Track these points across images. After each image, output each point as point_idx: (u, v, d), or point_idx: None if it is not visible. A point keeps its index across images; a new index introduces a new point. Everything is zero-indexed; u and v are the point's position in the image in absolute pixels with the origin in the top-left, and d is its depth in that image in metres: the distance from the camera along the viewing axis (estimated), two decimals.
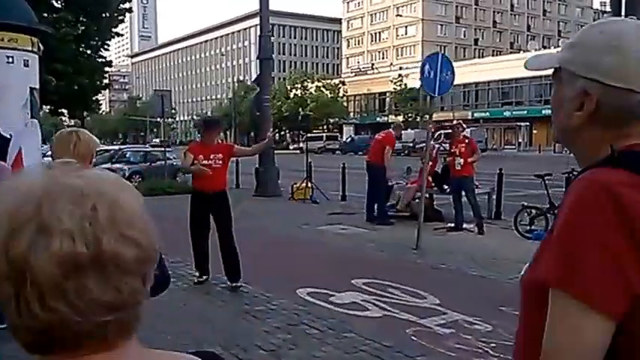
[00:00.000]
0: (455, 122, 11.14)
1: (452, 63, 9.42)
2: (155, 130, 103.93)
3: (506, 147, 53.06)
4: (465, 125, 11.76)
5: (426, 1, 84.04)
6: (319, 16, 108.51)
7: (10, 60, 7.71)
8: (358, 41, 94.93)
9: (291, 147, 72.56)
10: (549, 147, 45.20)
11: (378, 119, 69.75)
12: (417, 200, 12.49)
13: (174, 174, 21.77)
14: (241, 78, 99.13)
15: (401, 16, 77.62)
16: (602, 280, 1.03)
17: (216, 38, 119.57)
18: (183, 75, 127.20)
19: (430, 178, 12.62)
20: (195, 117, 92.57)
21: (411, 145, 49.74)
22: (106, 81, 23.07)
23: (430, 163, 12.75)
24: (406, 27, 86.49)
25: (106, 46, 20.44)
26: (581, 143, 1.24)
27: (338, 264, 8.16)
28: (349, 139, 60.55)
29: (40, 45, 8.33)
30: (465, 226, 10.72)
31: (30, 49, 8.07)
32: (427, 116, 58.84)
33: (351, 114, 75.30)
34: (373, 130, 66.81)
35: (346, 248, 9.37)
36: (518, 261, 7.98)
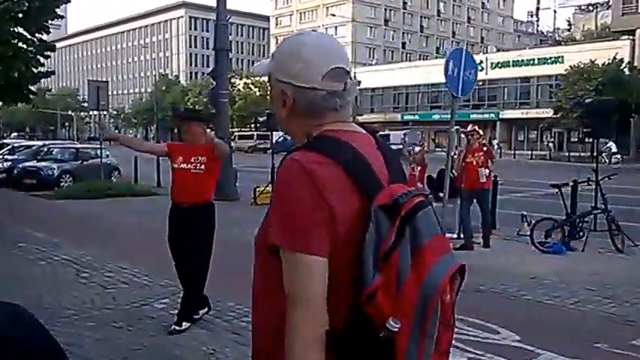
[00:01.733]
0: (470, 128, 9.97)
1: (475, 61, 8.47)
2: (67, 124, 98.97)
3: (436, 149, 53.32)
4: (481, 132, 10.39)
5: (356, 3, 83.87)
6: (246, 12, 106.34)
7: None
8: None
9: None
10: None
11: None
12: None
13: (109, 174, 20.00)
14: (162, 72, 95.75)
15: (335, 15, 76.83)
16: (310, 232, 1.34)
17: (134, 29, 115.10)
18: (97, 67, 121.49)
19: (420, 185, 11.79)
20: (113, 111, 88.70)
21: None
22: (45, 68, 19.92)
23: (419, 167, 11.94)
24: (336, 27, 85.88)
25: (45, 28, 17.40)
26: (292, 131, 1.56)
27: None
28: (281, 139, 59.23)
29: None
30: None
31: None
32: (358, 117, 59.55)
33: None
34: None
35: None
36: (559, 280, 7.40)
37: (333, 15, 76.83)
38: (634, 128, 46.69)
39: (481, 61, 58.92)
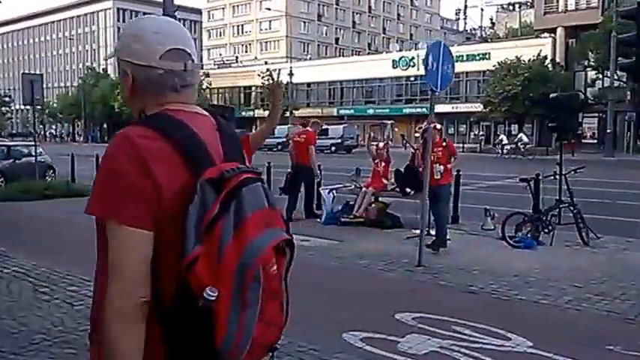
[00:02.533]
0: (425, 125, 9.43)
1: (452, 55, 8.17)
2: None
3: (372, 143, 53.37)
4: (439, 126, 9.79)
5: None
6: (178, 4, 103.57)
7: None
8: (220, 33, 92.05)
9: None
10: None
11: (243, 113, 67.82)
12: (373, 205, 11.29)
13: (44, 173, 18.74)
14: (90, 65, 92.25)
15: (270, 9, 75.88)
16: (127, 203, 1.35)
17: (60, 21, 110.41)
18: (20, 60, 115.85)
19: (385, 181, 11.49)
20: (37, 105, 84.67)
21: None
22: None
23: (383, 163, 11.62)
24: (270, 21, 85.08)
25: None
26: (134, 109, 1.58)
27: (349, 292, 6.65)
28: None
29: None
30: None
31: None
32: (294, 112, 59.10)
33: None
34: (239, 123, 64.95)
35: (336, 268, 7.84)
36: (543, 278, 7.21)
37: (268, 9, 75.99)
38: None
39: (413, 58, 59.79)
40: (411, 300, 6.30)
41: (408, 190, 10.83)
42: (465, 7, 70.37)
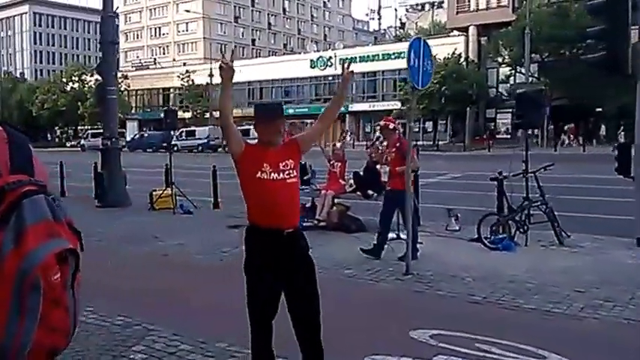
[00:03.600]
0: (383, 122, 8.68)
1: (431, 51, 7.50)
2: None
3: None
4: (395, 124, 8.59)
5: (207, 0, 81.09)
6: (94, 8, 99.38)
7: None
8: (137, 35, 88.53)
9: (68, 144, 65.09)
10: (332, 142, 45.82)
11: (162, 115, 65.44)
12: (334, 208, 10.51)
13: None
14: (6, 69, 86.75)
15: (189, 11, 73.49)
16: None
17: None
18: None
19: (343, 182, 10.75)
20: None
21: (205, 141, 47.54)
22: None
23: (339, 163, 10.87)
24: (187, 23, 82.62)
25: None
26: None
27: (346, 306, 5.83)
28: (138, 136, 55.74)
29: None
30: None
31: None
32: (214, 113, 57.52)
33: (134, 109, 69.41)
34: (158, 125, 62.58)
35: (321, 279, 6.97)
36: (540, 282, 6.67)
37: (187, 11, 73.59)
38: (469, 117, 49.24)
39: (330, 57, 59.54)
40: (418, 315, 5.58)
41: (370, 192, 10.14)
42: (379, 7, 70.71)
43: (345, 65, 3.88)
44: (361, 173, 10.64)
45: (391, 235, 8.70)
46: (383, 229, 8.19)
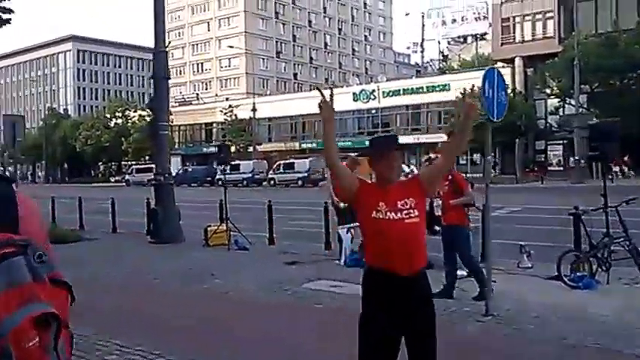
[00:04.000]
0: (434, 154, 8.35)
1: (505, 81, 7.28)
2: None
3: None
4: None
5: (249, 36, 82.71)
6: (138, 45, 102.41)
7: None
8: (180, 71, 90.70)
9: (112, 179, 66.38)
10: None
11: (204, 150, 66.45)
12: None
13: None
14: (50, 105, 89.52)
15: (232, 47, 74.98)
16: None
17: (19, 63, 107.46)
18: None
19: None
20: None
21: (250, 175, 47.91)
22: None
23: None
24: (229, 59, 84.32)
25: None
26: None
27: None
28: (182, 170, 56.54)
29: None
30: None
31: None
32: (257, 147, 58.02)
33: (177, 144, 70.68)
34: (201, 160, 63.46)
35: None
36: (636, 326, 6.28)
37: (231, 47, 75.04)
38: (518, 149, 48.47)
39: (373, 90, 59.74)
40: None
41: (437, 228, 9.84)
42: (422, 40, 70.68)
43: (468, 93, 3.62)
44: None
45: (461, 272, 8.38)
46: (449, 267, 7.91)
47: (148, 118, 66.00)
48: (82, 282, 9.00)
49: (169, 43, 15.15)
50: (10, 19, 9.91)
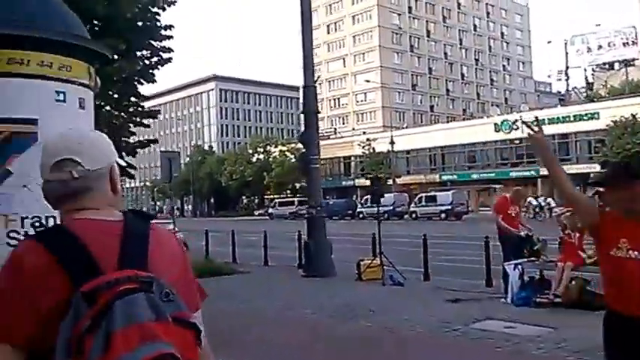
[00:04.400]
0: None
1: None
2: None
3: (480, 209, 50.83)
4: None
5: (384, 70, 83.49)
6: (277, 83, 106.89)
7: (61, 97, 4.44)
8: (318, 107, 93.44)
9: (256, 213, 68.87)
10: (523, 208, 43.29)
11: (344, 182, 67.25)
12: (573, 283, 9.44)
13: None
14: (195, 143, 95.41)
15: (369, 81, 76.23)
16: (4, 318, 1.40)
17: (166, 103, 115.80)
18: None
19: (583, 254, 9.66)
20: (147, 184, 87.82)
21: (391, 208, 47.37)
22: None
23: (578, 234, 9.82)
24: (365, 93, 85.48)
25: (137, 93, 11.87)
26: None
27: None
28: (323, 204, 57.39)
29: (98, 78, 5.04)
30: None
31: (87, 82, 4.80)
32: (397, 179, 57.73)
33: None
34: (339, 193, 64.30)
35: None
36: None
37: (368, 81, 76.19)
38: None
39: (515, 120, 57.55)
40: None
41: None
42: (567, 67, 67.44)
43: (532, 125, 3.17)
44: None
45: None
46: None
47: (288, 154, 68.43)
48: (235, 314, 9.05)
49: (318, 77, 15.38)
50: (171, 58, 10.44)
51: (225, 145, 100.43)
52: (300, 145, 70.60)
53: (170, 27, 9.89)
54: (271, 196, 68.80)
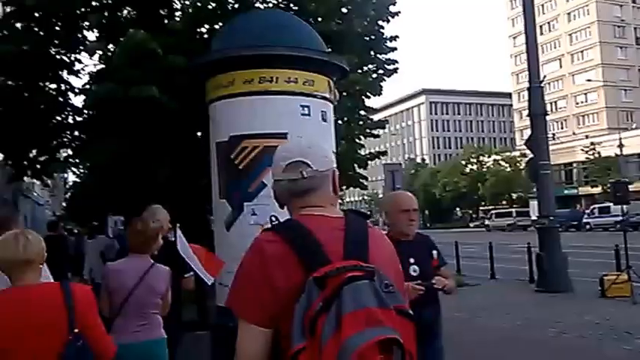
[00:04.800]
0: None
1: None
2: None
3: None
4: None
5: (606, 67, 76.50)
6: (486, 91, 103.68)
7: (306, 111, 4.42)
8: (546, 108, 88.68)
9: (471, 224, 66.98)
10: None
11: (565, 191, 62.55)
12: None
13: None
14: (407, 156, 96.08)
15: (590, 80, 70.67)
16: (250, 302, 1.59)
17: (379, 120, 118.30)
18: None
19: None
20: (365, 197, 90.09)
21: (624, 218, 42.01)
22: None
23: None
24: (586, 94, 79.11)
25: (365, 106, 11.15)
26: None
27: None
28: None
29: (336, 92, 4.94)
30: None
31: (328, 95, 4.74)
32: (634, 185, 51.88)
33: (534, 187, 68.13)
34: (560, 203, 59.65)
35: None
36: None
37: (589, 80, 70.57)
38: None
39: None
40: None
41: None
42: None
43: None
44: None
45: None
46: None
47: (502, 163, 65.64)
48: (468, 327, 8.50)
49: (544, 77, 14.32)
50: (397, 69, 10.28)
51: (437, 158, 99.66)
52: (515, 153, 67.23)
53: (395, 38, 9.77)
54: (486, 207, 66.47)
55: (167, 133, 8.07)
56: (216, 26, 8.25)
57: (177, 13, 8.96)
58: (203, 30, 8.44)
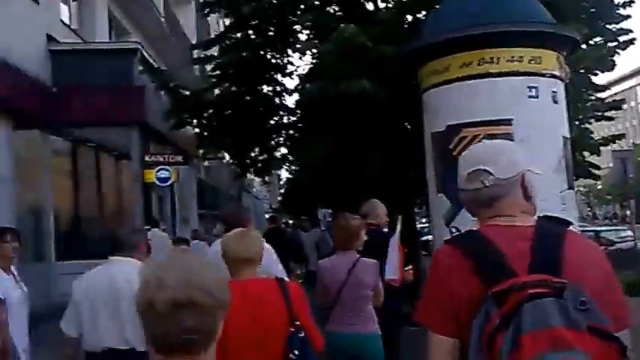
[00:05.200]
0: None
1: None
2: None
3: None
4: None
5: None
6: None
7: (533, 92, 3.85)
8: None
9: None
10: None
11: None
12: None
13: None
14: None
15: None
16: (434, 313, 1.58)
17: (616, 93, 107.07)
18: None
19: None
20: (581, 189, 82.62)
21: None
22: None
23: None
24: None
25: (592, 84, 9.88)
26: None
27: None
28: None
29: (567, 67, 4.27)
30: None
31: (557, 73, 4.11)
32: None
33: None
34: None
35: None
36: None
37: None
38: None
39: None
40: None
41: None
42: None
43: None
44: None
45: None
46: None
47: None
48: None
49: None
50: (633, 40, 9.06)
51: None
52: None
53: (630, 3, 8.55)
54: None
55: (376, 125, 8.08)
56: (419, 15, 8.01)
57: (382, 5, 8.85)
58: (409, 18, 8.21)
